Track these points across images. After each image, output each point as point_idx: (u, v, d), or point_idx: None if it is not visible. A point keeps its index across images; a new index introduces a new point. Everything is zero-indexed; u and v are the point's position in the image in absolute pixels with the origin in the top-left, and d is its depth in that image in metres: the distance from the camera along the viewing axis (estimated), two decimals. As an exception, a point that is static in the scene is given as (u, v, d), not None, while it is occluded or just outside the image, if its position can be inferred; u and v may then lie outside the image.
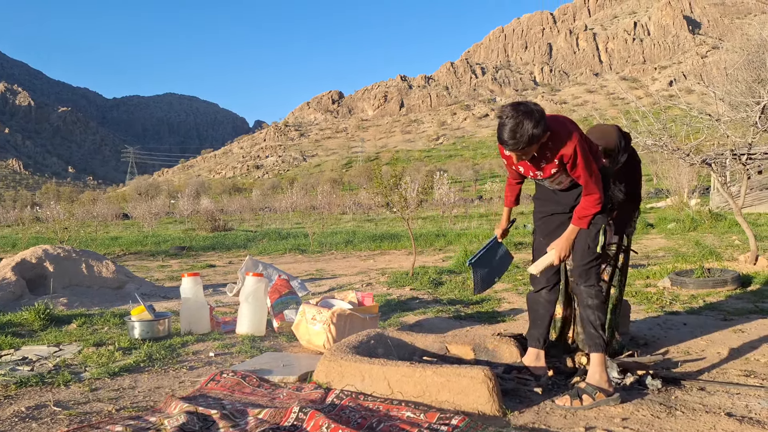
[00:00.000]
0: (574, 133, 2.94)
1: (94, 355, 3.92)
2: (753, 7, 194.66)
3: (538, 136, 2.80)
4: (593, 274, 3.13)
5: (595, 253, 3.12)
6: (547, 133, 2.85)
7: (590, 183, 2.99)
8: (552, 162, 2.99)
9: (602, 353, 3.03)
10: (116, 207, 38.66)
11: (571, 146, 2.91)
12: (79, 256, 7.36)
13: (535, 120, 2.77)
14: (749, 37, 23.06)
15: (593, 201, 3.01)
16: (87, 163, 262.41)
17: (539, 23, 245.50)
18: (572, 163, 2.95)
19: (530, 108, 2.81)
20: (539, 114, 2.80)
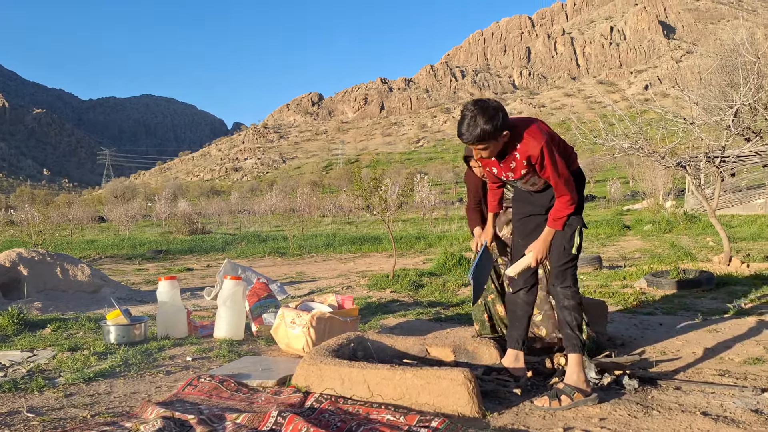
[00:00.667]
0: (541, 134, 2.95)
1: (69, 360, 3.86)
2: (726, 13, 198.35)
3: (490, 132, 2.85)
4: (569, 276, 3.14)
5: (570, 255, 3.13)
6: (504, 131, 2.89)
7: (560, 184, 3.00)
8: (521, 163, 3.02)
9: (580, 354, 3.06)
10: (92, 210, 38.16)
11: (538, 147, 2.92)
12: (54, 259, 7.25)
13: (488, 116, 2.84)
14: (722, 42, 23.49)
15: (565, 202, 3.03)
16: (62, 165, 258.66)
17: (518, 27, 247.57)
18: (540, 164, 2.97)
19: (487, 104, 2.88)
20: (494, 111, 2.86)
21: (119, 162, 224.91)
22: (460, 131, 2.92)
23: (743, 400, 2.95)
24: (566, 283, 3.13)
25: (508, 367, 3.30)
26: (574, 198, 3.03)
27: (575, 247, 3.13)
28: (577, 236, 3.13)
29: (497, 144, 2.95)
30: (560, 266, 3.14)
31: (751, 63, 11.10)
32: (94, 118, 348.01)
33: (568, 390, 2.93)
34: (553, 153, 2.95)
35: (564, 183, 3.00)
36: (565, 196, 3.02)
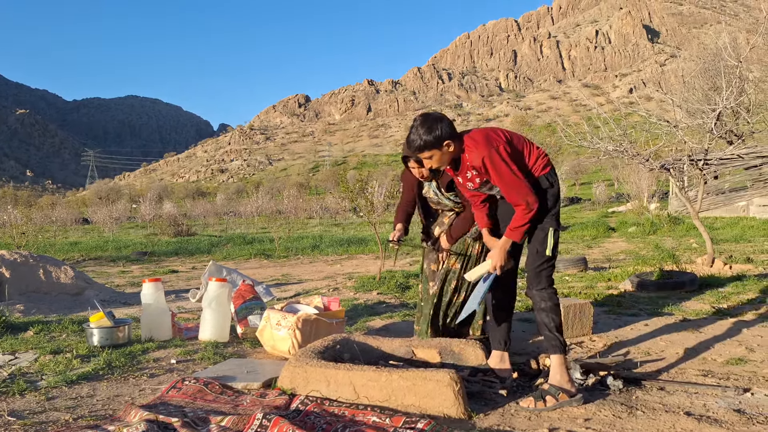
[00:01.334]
0: (484, 144, 2.98)
1: (51, 363, 3.81)
2: (709, 18, 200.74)
3: (430, 141, 2.99)
4: (544, 278, 3.15)
5: (544, 257, 3.13)
6: (445, 141, 3.00)
7: (511, 193, 3.01)
8: (472, 173, 3.09)
9: (561, 354, 3.07)
10: (76, 211, 37.78)
11: (479, 158, 2.97)
12: (37, 261, 7.17)
13: (427, 126, 3.00)
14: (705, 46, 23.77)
15: (521, 212, 3.02)
16: (46, 166, 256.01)
17: (504, 30, 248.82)
18: (486, 174, 3.02)
19: (428, 116, 3.04)
20: (434, 121, 3.00)
21: (104, 163, 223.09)
22: (406, 142, 3.11)
23: (726, 399, 2.98)
24: (541, 285, 3.14)
25: (493, 368, 3.31)
26: (529, 206, 2.99)
27: (549, 249, 3.13)
28: (551, 238, 3.13)
29: (442, 153, 3.04)
30: (535, 269, 3.16)
31: (733, 67, 11.23)
32: (78, 119, 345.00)
33: (553, 390, 2.94)
34: (497, 162, 2.96)
35: (515, 191, 2.99)
36: (519, 205, 3.01)
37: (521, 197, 2.98)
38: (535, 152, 3.17)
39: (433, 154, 3.05)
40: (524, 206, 2.99)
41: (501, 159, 2.97)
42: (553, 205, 3.16)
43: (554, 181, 3.18)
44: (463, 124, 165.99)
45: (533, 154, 3.15)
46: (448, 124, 3.03)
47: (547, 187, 3.14)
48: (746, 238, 13.11)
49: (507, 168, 2.98)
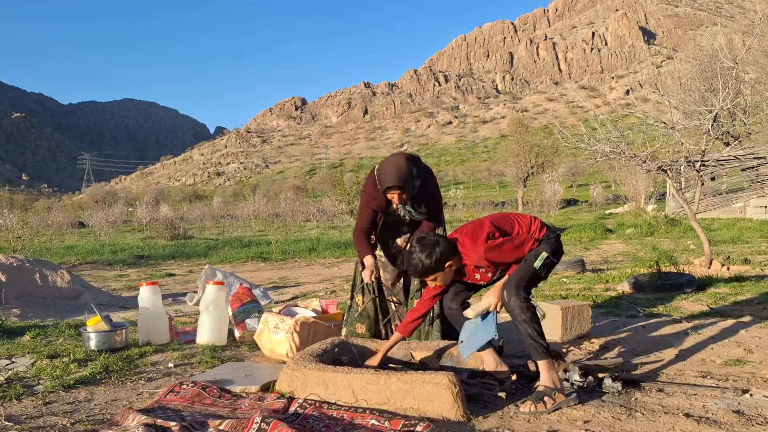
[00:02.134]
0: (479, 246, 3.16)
1: (48, 367, 3.79)
2: (705, 19, 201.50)
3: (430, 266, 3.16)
4: (522, 290, 3.15)
5: (531, 269, 3.17)
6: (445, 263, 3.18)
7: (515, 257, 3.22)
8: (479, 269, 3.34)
9: (546, 359, 3.08)
10: (72, 215, 37.65)
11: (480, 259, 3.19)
12: (33, 265, 7.14)
13: (426, 253, 3.15)
14: (701, 48, 23.83)
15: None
16: (41, 170, 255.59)
17: (500, 32, 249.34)
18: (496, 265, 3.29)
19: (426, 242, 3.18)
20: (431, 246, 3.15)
21: (100, 167, 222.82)
22: (407, 267, 3.24)
23: (725, 401, 2.98)
24: (521, 298, 3.14)
25: (491, 371, 3.31)
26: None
27: (538, 263, 3.17)
28: (542, 259, 3.18)
29: (445, 273, 3.22)
30: (518, 280, 3.17)
31: (729, 68, 11.25)
32: (74, 122, 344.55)
33: (549, 391, 2.94)
34: (496, 251, 3.15)
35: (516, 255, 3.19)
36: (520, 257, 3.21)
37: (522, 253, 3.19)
38: (525, 219, 3.32)
39: (437, 276, 3.22)
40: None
41: (497, 245, 3.15)
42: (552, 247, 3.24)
43: (554, 236, 3.29)
44: (459, 126, 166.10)
45: (524, 222, 3.30)
46: (445, 246, 3.17)
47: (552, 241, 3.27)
48: (743, 240, 13.14)
49: (508, 244, 3.17)
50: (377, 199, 3.81)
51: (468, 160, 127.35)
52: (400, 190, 3.62)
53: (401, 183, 3.56)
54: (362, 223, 3.87)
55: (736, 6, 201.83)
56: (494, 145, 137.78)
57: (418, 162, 3.78)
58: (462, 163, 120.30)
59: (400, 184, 3.57)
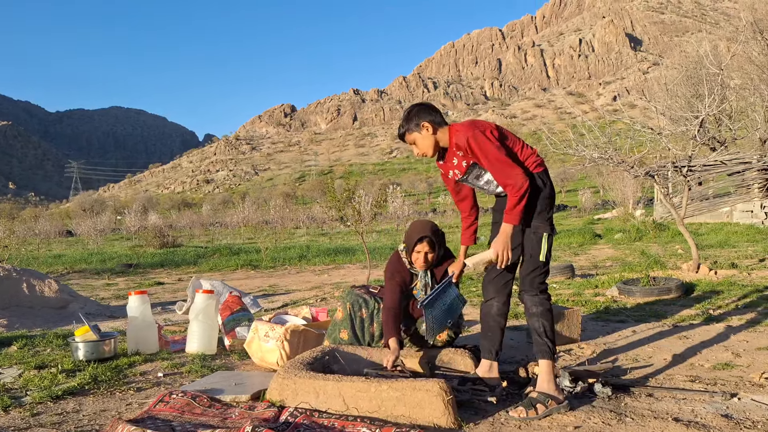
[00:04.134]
0: (469, 126, 3.07)
1: (36, 378, 3.76)
2: (690, 26, 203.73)
3: (405, 126, 3.22)
4: (536, 283, 3.16)
5: (537, 262, 3.13)
6: (420, 123, 3.16)
7: (499, 174, 3.00)
8: (458, 156, 3.15)
9: (550, 360, 3.08)
10: (59, 224, 37.39)
11: (464, 138, 3.04)
12: (20, 275, 7.07)
13: (405, 113, 3.25)
14: (687, 54, 24.07)
15: (511, 192, 2.98)
16: (28, 178, 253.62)
17: (489, 39, 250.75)
18: (473, 155, 3.06)
19: (411, 106, 3.27)
20: (412, 107, 3.23)
21: (87, 175, 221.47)
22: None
23: (714, 405, 3.00)
24: (534, 290, 3.16)
25: (483, 377, 3.31)
26: (519, 183, 2.95)
27: (543, 254, 3.12)
28: (545, 243, 3.12)
29: (423, 137, 3.18)
30: (528, 274, 3.17)
31: (714, 74, 11.39)
32: (62, 131, 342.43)
33: (542, 398, 2.94)
34: (482, 141, 3.00)
35: (503, 170, 2.98)
36: (508, 185, 2.98)
37: (510, 177, 2.97)
38: (528, 150, 3.18)
39: (414, 139, 3.21)
40: (513, 183, 2.96)
41: (486, 138, 3.01)
42: (546, 208, 3.14)
43: (547, 181, 3.16)
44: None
45: (525, 151, 3.16)
46: (425, 110, 3.19)
47: (540, 187, 3.11)
48: (730, 244, 13.25)
49: (493, 147, 3.00)
50: (401, 272, 3.82)
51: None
52: (429, 244, 3.67)
53: (431, 233, 3.68)
54: (389, 302, 3.73)
55: (720, 13, 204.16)
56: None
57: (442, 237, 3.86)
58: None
59: (429, 234, 3.68)
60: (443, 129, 3.18)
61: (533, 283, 3.16)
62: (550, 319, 3.14)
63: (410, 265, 3.80)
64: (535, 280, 3.16)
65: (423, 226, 3.74)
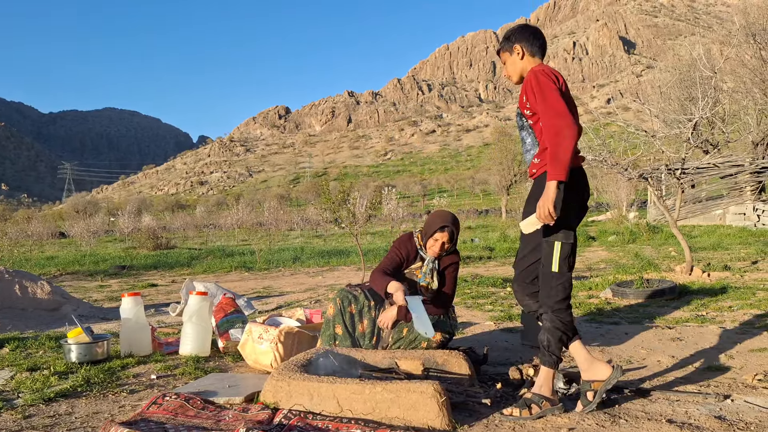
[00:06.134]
0: (540, 67, 2.93)
1: (28, 380, 3.73)
2: (683, 29, 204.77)
3: (502, 45, 3.14)
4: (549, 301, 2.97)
5: (549, 274, 2.94)
6: (515, 44, 3.07)
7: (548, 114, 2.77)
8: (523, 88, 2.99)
9: (551, 369, 3.00)
10: (52, 225, 37.13)
11: (532, 72, 2.91)
12: (12, 276, 7.03)
13: (509, 29, 3.17)
14: (681, 58, 24.20)
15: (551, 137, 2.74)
16: (21, 180, 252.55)
17: (483, 41, 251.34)
18: (530, 88, 2.87)
19: (520, 26, 3.17)
20: (517, 27, 3.14)
21: (81, 176, 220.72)
22: None
23: (707, 406, 3.01)
24: (545, 308, 2.99)
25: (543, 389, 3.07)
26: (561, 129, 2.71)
27: (555, 264, 2.92)
28: (557, 251, 2.91)
29: (511, 60, 3.10)
30: (544, 288, 3.01)
31: (708, 78, 11.45)
32: (55, 132, 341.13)
33: (536, 399, 2.93)
34: (543, 81, 2.83)
35: (553, 112, 2.74)
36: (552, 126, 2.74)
37: (557, 118, 2.72)
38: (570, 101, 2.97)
39: (505, 59, 3.14)
40: (556, 130, 2.72)
41: (551, 81, 2.83)
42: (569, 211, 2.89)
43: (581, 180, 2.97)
44: (443, 134, 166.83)
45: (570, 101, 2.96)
46: (526, 33, 3.07)
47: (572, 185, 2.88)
48: (723, 246, 13.30)
49: (553, 91, 2.79)
50: (408, 249, 3.91)
51: (452, 168, 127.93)
52: (449, 234, 3.76)
53: (452, 224, 3.76)
54: (383, 265, 3.83)
55: (713, 16, 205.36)
56: (477, 153, 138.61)
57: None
58: (446, 171, 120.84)
59: (451, 225, 3.76)
60: (532, 60, 3.04)
61: (548, 300, 2.96)
62: (557, 336, 2.95)
63: (421, 247, 3.90)
64: (551, 297, 2.94)
65: (446, 216, 3.81)
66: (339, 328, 3.83)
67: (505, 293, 7.71)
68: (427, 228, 3.83)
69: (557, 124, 2.73)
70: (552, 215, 2.74)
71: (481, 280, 8.86)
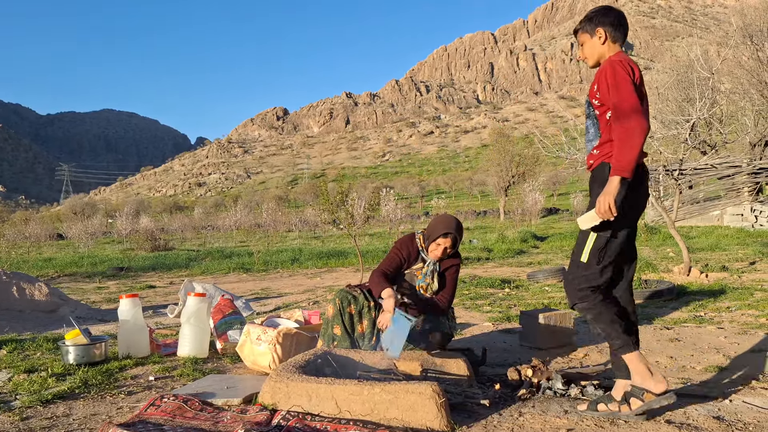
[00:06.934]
0: (621, 58, 2.81)
1: (26, 382, 3.72)
2: (681, 31, 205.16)
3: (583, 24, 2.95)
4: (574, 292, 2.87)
5: (578, 263, 2.85)
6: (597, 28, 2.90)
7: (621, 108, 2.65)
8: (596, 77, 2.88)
9: (632, 351, 2.81)
10: (50, 227, 37.11)
11: (608, 61, 2.80)
12: (10, 278, 7.02)
13: (594, 9, 2.97)
14: (678, 59, 24.24)
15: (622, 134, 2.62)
16: (19, 181, 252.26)
17: (481, 43, 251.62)
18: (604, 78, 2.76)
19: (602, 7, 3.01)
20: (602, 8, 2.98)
21: (79, 178, 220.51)
22: None
23: (705, 407, 3.01)
24: (573, 300, 2.88)
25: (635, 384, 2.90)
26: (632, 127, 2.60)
27: (585, 254, 2.81)
28: (590, 242, 2.80)
29: (591, 43, 2.93)
30: (569, 280, 2.89)
31: (705, 79, 11.46)
32: (53, 133, 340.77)
33: (636, 391, 2.80)
34: (618, 74, 2.71)
35: (627, 106, 2.63)
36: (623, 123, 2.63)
37: (629, 113, 2.62)
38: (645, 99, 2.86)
39: (584, 41, 2.96)
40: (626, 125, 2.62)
41: (627, 73, 2.71)
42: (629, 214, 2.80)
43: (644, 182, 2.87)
44: (441, 136, 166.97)
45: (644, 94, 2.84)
46: (610, 17, 2.89)
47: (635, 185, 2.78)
48: (721, 247, 13.32)
49: (629, 84, 2.68)
50: (409, 249, 3.92)
51: (450, 169, 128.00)
52: (452, 240, 3.78)
53: (455, 230, 3.77)
54: (383, 266, 3.84)
55: (711, 18, 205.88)
56: (475, 154, 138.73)
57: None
58: (444, 172, 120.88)
59: (455, 231, 3.77)
60: (613, 46, 2.89)
61: (571, 290, 2.86)
62: (606, 319, 2.82)
63: (422, 249, 3.91)
64: (575, 285, 2.84)
65: (450, 222, 3.81)
66: (338, 329, 3.83)
67: (503, 294, 7.71)
68: (431, 232, 3.84)
69: (628, 120, 2.63)
70: (612, 211, 2.65)
71: (480, 281, 8.86)
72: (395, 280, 3.85)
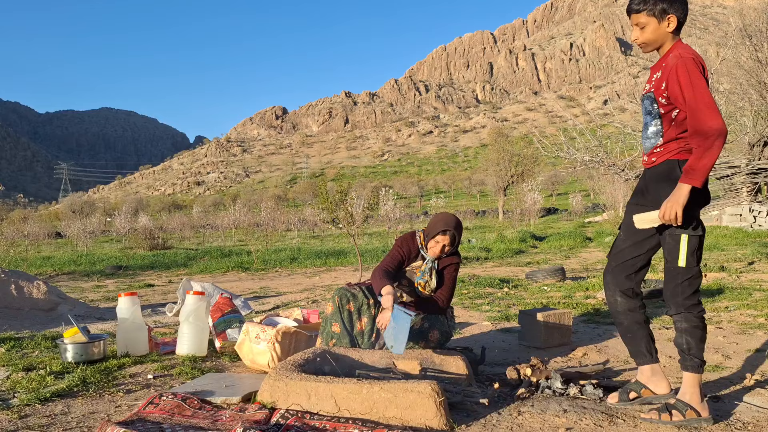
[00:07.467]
0: (692, 54, 2.64)
1: (24, 380, 3.72)
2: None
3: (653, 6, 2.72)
4: (679, 299, 2.78)
5: (677, 269, 2.74)
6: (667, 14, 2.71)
7: (697, 111, 2.51)
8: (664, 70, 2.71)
9: (696, 374, 2.79)
10: (48, 225, 37.09)
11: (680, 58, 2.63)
12: (8, 276, 7.01)
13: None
14: (677, 59, 24.16)
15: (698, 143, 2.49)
16: (17, 180, 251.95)
17: (480, 42, 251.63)
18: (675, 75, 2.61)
19: None
20: None
21: (77, 176, 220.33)
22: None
23: (704, 406, 3.01)
24: (676, 308, 2.80)
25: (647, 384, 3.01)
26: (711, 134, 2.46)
27: (682, 259, 2.71)
28: (684, 245, 2.70)
29: (655, 27, 2.73)
30: (671, 287, 2.80)
31: (704, 79, 11.42)
32: (51, 132, 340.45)
33: (680, 406, 2.78)
34: (692, 72, 2.56)
35: (704, 109, 2.48)
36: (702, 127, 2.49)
37: (707, 119, 2.49)
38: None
39: (646, 23, 2.74)
40: (704, 135, 2.49)
41: (700, 71, 2.58)
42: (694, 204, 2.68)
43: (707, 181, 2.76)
44: (440, 135, 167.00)
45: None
46: (685, 4, 2.72)
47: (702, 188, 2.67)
48: (719, 247, 13.33)
49: (703, 83, 2.55)
50: (410, 247, 3.95)
51: (449, 169, 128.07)
52: (450, 237, 3.81)
53: (453, 227, 3.80)
54: (385, 263, 3.86)
55: (710, 18, 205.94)
56: (474, 154, 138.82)
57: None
58: (443, 172, 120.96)
59: (453, 229, 3.81)
60: (674, 37, 2.75)
61: (676, 298, 2.76)
62: (699, 336, 2.78)
63: (422, 246, 3.94)
64: (678, 294, 2.75)
65: (449, 219, 3.85)
66: (337, 326, 3.83)
67: (502, 294, 7.71)
68: (430, 229, 3.88)
69: (706, 122, 2.50)
70: (679, 220, 2.59)
71: (479, 280, 8.87)
72: (397, 278, 3.86)
